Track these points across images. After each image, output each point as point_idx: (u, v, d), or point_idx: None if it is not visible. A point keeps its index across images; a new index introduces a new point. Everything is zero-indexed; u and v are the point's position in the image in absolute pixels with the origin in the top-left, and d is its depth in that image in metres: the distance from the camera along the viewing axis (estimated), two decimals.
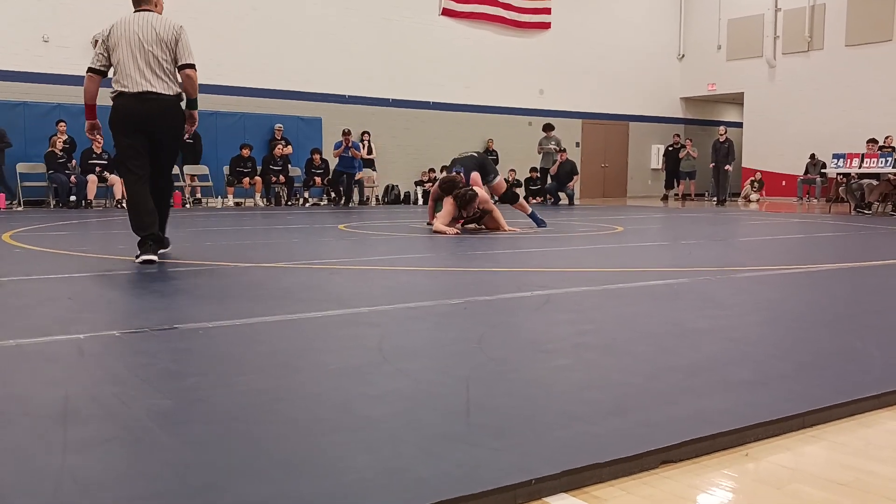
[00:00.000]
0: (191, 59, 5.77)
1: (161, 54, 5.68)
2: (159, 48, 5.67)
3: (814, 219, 12.57)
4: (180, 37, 5.74)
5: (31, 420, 2.00)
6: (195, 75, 5.80)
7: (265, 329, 3.22)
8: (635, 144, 23.88)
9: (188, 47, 5.77)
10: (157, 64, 5.68)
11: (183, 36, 5.77)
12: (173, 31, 5.73)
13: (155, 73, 5.68)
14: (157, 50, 5.66)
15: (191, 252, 6.37)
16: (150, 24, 5.70)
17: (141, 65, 5.66)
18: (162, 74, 5.70)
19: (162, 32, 5.69)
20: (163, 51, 5.68)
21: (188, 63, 5.74)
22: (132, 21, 5.72)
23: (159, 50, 5.66)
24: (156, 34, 5.68)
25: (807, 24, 20.96)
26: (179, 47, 5.72)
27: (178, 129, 5.88)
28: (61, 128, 14.19)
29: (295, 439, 1.87)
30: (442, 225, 8.49)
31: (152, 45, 5.65)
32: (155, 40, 5.67)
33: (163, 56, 5.68)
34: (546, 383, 2.42)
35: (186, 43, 5.77)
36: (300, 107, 17.74)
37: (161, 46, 5.67)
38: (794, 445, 1.96)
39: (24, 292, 4.27)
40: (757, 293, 4.46)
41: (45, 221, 10.18)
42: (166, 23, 5.75)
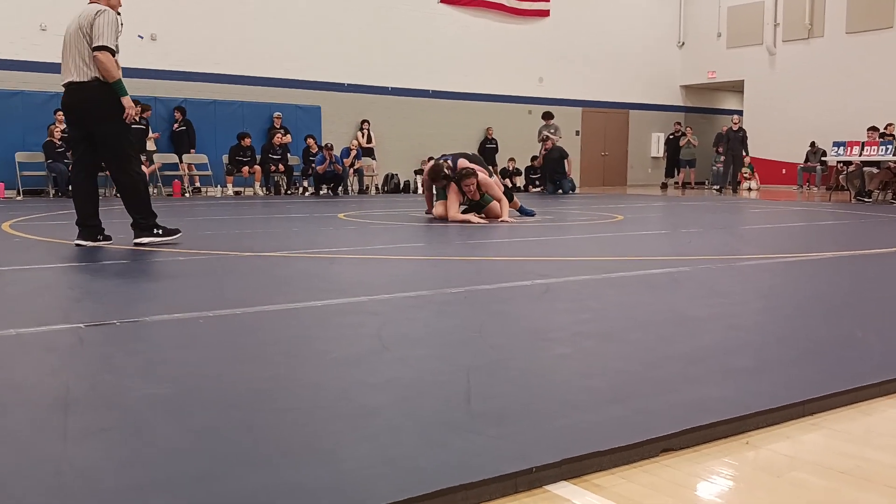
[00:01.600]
0: (101, 42, 5.61)
1: (79, 42, 5.67)
2: (78, 36, 5.67)
3: (814, 207, 12.56)
4: (94, 21, 5.64)
5: (30, 409, 2.00)
6: (104, 57, 5.65)
7: (265, 318, 3.21)
8: (635, 133, 23.83)
9: (101, 29, 5.62)
10: (77, 52, 5.67)
11: (98, 19, 5.65)
12: (89, 17, 5.66)
13: (75, 61, 5.70)
14: (77, 38, 5.67)
15: (190, 241, 6.36)
16: (77, 16, 5.75)
17: (66, 56, 5.74)
18: (80, 62, 5.68)
19: (82, 20, 5.68)
20: (81, 38, 5.67)
21: (98, 45, 5.62)
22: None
23: (78, 38, 5.67)
24: (77, 23, 5.70)
25: (807, 11, 20.88)
26: (94, 31, 5.62)
27: (100, 116, 5.73)
28: (59, 117, 14.14)
29: (295, 428, 1.87)
30: (457, 214, 8.53)
31: (75, 35, 5.68)
32: (76, 29, 5.69)
33: (81, 43, 5.66)
34: (546, 372, 2.42)
35: (100, 25, 5.63)
36: (299, 95, 17.69)
37: (79, 34, 5.67)
38: (794, 433, 1.96)
39: (23, 281, 4.27)
40: (757, 281, 4.46)
41: (45, 211, 10.17)
42: (89, 10, 5.72)
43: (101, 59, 5.62)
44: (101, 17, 5.64)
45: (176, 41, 16.16)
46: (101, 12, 5.67)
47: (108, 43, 5.64)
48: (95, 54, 5.61)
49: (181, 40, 16.20)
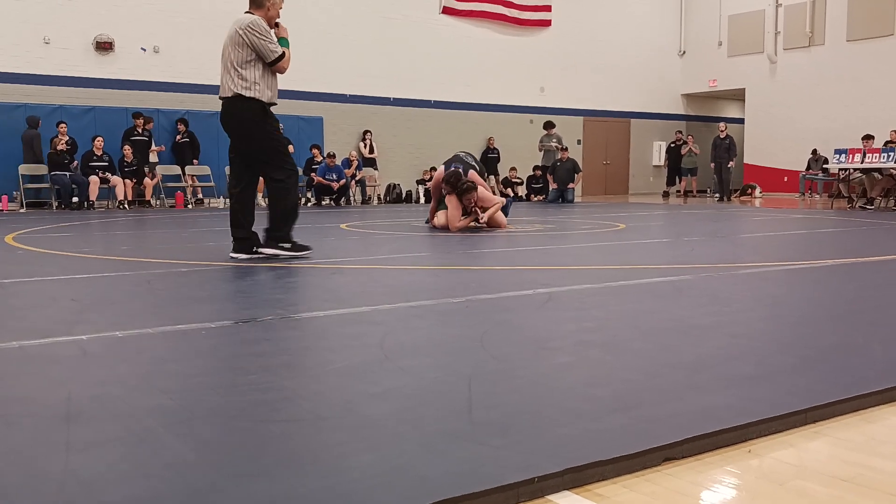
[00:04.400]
0: (272, 58, 5.67)
1: (229, 52, 5.69)
2: (230, 46, 5.70)
3: (816, 214, 12.55)
4: (250, 36, 5.64)
5: (34, 421, 2.00)
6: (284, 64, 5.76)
7: (268, 328, 3.22)
8: (637, 141, 23.85)
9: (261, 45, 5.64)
10: (225, 65, 5.71)
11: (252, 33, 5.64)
12: (243, 27, 5.67)
13: (223, 76, 5.75)
14: (228, 49, 5.70)
15: (193, 252, 6.37)
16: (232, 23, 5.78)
17: (221, 70, 5.78)
18: (226, 77, 5.71)
19: (233, 32, 5.71)
20: (232, 48, 5.68)
21: (272, 61, 5.68)
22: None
23: (230, 48, 5.70)
24: (228, 34, 5.74)
25: (808, 19, 20.91)
26: (257, 49, 5.65)
27: (244, 130, 5.75)
28: (62, 129, 14.20)
29: (298, 438, 1.87)
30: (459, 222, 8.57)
31: (228, 46, 5.71)
32: (227, 39, 5.73)
33: (230, 54, 5.69)
34: (549, 381, 2.42)
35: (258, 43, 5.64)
36: (301, 106, 17.72)
37: (231, 43, 5.69)
38: (797, 441, 1.96)
39: (26, 294, 4.28)
40: (759, 289, 4.46)
41: (48, 223, 10.19)
42: (242, 20, 5.73)
43: (282, 68, 5.75)
44: (253, 29, 5.65)
45: (178, 53, 16.21)
46: (252, 23, 5.67)
47: (275, 54, 5.69)
48: (278, 67, 5.73)
49: (184, 52, 16.25)
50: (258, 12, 5.77)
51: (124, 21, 15.64)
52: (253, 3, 5.81)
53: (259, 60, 5.68)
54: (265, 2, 5.78)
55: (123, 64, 15.75)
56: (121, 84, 15.70)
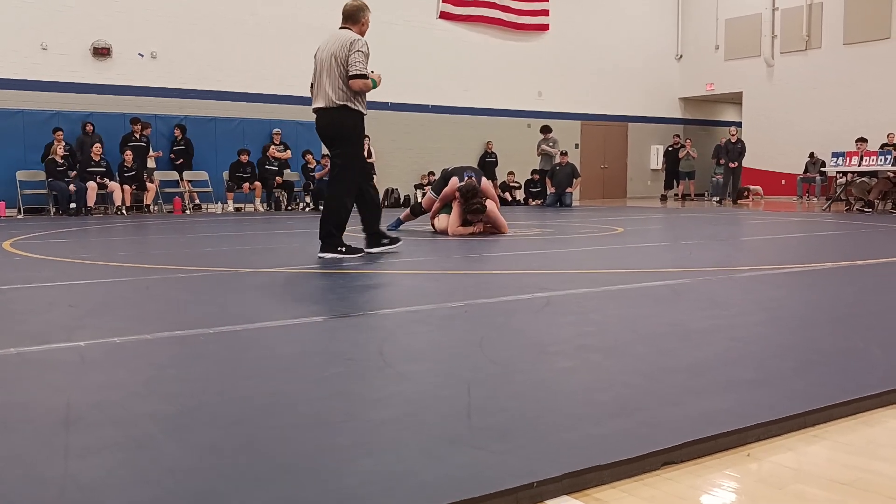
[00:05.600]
0: (356, 70, 5.95)
1: (331, 69, 6.02)
2: (331, 63, 6.02)
3: (814, 217, 12.56)
4: (350, 49, 5.98)
5: (33, 427, 2.00)
6: (360, 84, 5.99)
7: (267, 334, 3.22)
8: (634, 145, 23.87)
9: (356, 57, 5.96)
10: (329, 79, 6.04)
11: (353, 48, 5.98)
12: (344, 45, 6.00)
13: (324, 88, 6.08)
14: (329, 65, 6.03)
15: (191, 258, 6.37)
16: (327, 42, 6.14)
17: (317, 82, 6.16)
18: (329, 89, 6.05)
19: (335, 47, 6.02)
20: (334, 65, 6.01)
21: (354, 74, 5.96)
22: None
23: (331, 65, 6.02)
24: (330, 50, 6.04)
25: (805, 22, 20.96)
26: (350, 59, 5.97)
27: (340, 138, 6.12)
28: (58, 136, 14.18)
29: (297, 444, 1.87)
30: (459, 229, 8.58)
31: (328, 62, 6.03)
32: (329, 56, 6.05)
33: (333, 71, 6.02)
34: (548, 385, 2.42)
35: (355, 54, 5.97)
36: (299, 111, 17.70)
37: (333, 61, 6.01)
38: (797, 445, 1.96)
39: (24, 299, 4.27)
40: (758, 293, 4.46)
41: (46, 229, 10.18)
42: (342, 37, 6.08)
43: (357, 85, 5.99)
44: (356, 46, 5.99)
45: (176, 59, 16.22)
46: (356, 41, 6.03)
47: (363, 71, 5.98)
48: (352, 81, 5.97)
49: (181, 58, 16.26)
50: (354, 27, 6.19)
51: (122, 27, 15.64)
52: (349, 19, 6.21)
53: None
54: (361, 17, 6.22)
55: (121, 69, 15.75)
56: (119, 90, 15.70)
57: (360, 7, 6.24)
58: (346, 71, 5.96)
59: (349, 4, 6.24)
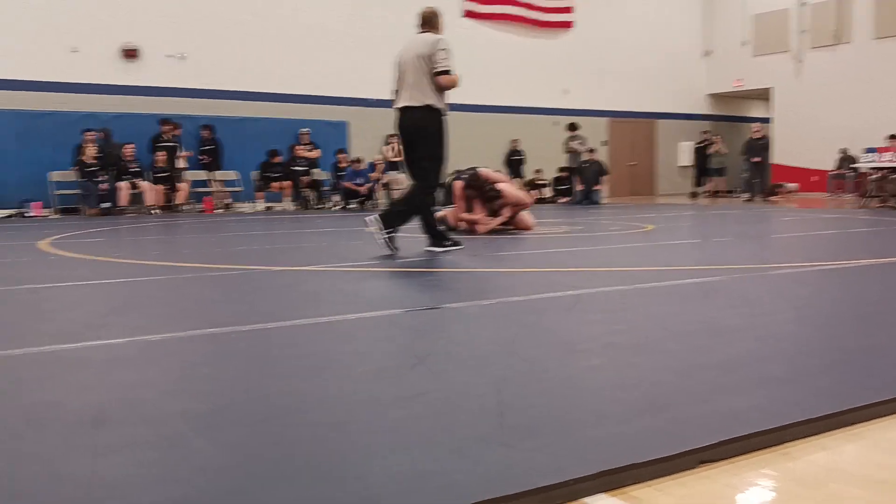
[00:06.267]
0: (441, 67, 6.22)
1: (416, 69, 6.27)
2: (417, 63, 6.27)
3: (846, 214, 12.41)
4: (434, 49, 6.24)
5: (64, 425, 2.02)
6: (445, 79, 6.25)
7: (298, 332, 3.23)
8: (662, 142, 23.71)
9: (440, 55, 6.23)
10: (414, 79, 6.30)
11: (438, 47, 6.25)
12: (428, 45, 6.28)
13: (410, 88, 6.35)
14: (415, 65, 6.28)
15: (223, 257, 6.42)
16: (410, 44, 6.46)
17: (402, 83, 6.45)
18: (414, 90, 6.31)
19: (419, 48, 6.30)
20: (420, 65, 6.26)
21: (439, 70, 6.22)
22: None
23: (417, 65, 6.27)
24: (414, 52, 6.31)
25: (834, 17, 20.69)
26: (435, 58, 6.24)
27: (423, 137, 6.35)
28: (88, 136, 14.35)
29: (326, 442, 1.87)
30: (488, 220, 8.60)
31: (413, 62, 6.30)
32: (413, 57, 6.30)
33: (418, 71, 6.27)
34: (579, 383, 2.42)
35: (439, 53, 6.23)
36: (326, 111, 17.80)
37: (419, 61, 6.26)
38: (832, 444, 1.94)
39: (59, 298, 4.33)
40: (789, 290, 4.42)
41: (79, 228, 10.31)
42: (425, 38, 6.38)
43: (443, 80, 6.24)
44: (440, 44, 6.27)
45: (205, 60, 16.34)
46: (440, 40, 6.32)
47: (448, 67, 6.26)
48: (438, 78, 6.23)
49: (210, 59, 16.38)
50: (434, 30, 6.53)
51: (150, 29, 15.79)
52: (427, 24, 6.57)
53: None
54: (437, 21, 6.59)
55: (150, 71, 15.90)
56: (148, 91, 15.85)
57: (436, 13, 6.65)
58: (431, 68, 6.21)
59: (426, 10, 6.63)
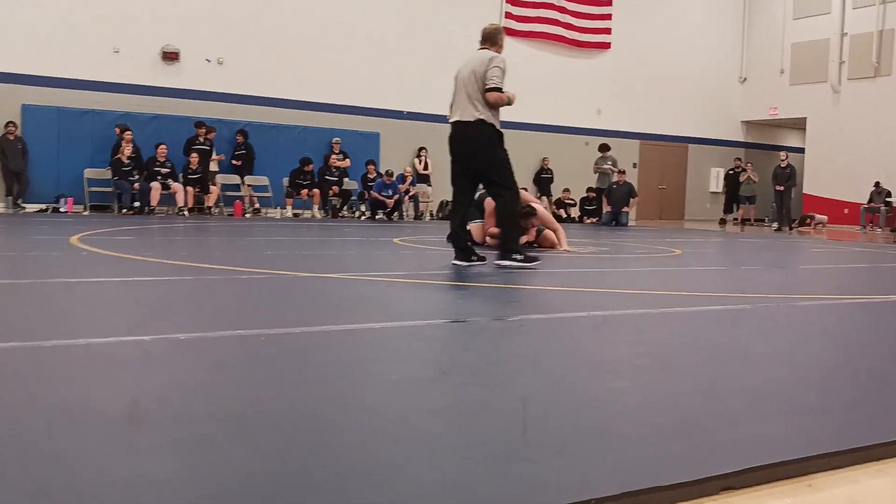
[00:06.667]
0: (493, 84, 6.28)
1: (471, 85, 6.34)
2: (471, 79, 6.34)
3: (878, 248, 12.27)
4: (489, 66, 6.30)
5: (99, 422, 2.05)
6: (495, 96, 6.32)
7: (325, 338, 3.26)
8: (694, 167, 23.60)
9: (494, 73, 6.29)
10: (466, 95, 6.36)
11: (492, 64, 6.31)
12: (483, 63, 6.33)
13: (463, 102, 6.40)
14: (469, 81, 6.35)
15: (251, 261, 6.47)
16: (467, 61, 6.49)
17: (457, 97, 6.50)
18: (467, 104, 6.37)
19: (475, 65, 6.37)
20: (474, 81, 6.33)
21: (490, 87, 6.29)
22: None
23: (471, 81, 6.34)
24: (470, 68, 6.38)
25: (874, 49, 20.55)
26: (488, 75, 6.29)
27: (480, 150, 6.43)
28: (127, 136, 14.56)
29: (355, 451, 1.89)
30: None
31: (468, 78, 6.36)
32: (469, 73, 6.37)
33: (473, 87, 6.33)
34: (605, 404, 2.41)
35: (493, 70, 6.30)
36: (359, 122, 17.92)
37: (472, 77, 6.33)
38: (859, 478, 1.92)
39: (91, 294, 4.39)
40: (819, 321, 4.38)
41: (111, 226, 10.44)
42: (482, 56, 6.43)
43: (493, 98, 6.31)
44: (494, 62, 6.33)
45: (241, 66, 16.53)
46: (494, 58, 6.38)
47: (499, 84, 6.31)
48: (488, 94, 6.28)
49: (247, 65, 16.57)
50: (494, 48, 6.55)
51: (190, 32, 16.02)
52: (488, 41, 6.60)
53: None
54: (498, 39, 6.64)
55: (188, 74, 16.12)
56: (185, 94, 16.06)
57: (499, 30, 6.73)
58: (483, 85, 6.26)
59: (488, 27, 6.70)
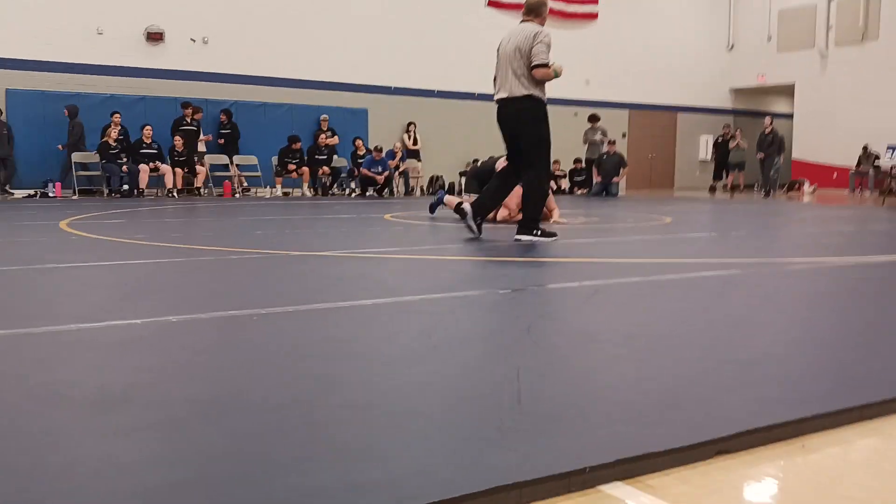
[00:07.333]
0: (538, 60, 6.25)
1: (515, 60, 6.36)
2: (516, 55, 6.36)
3: (867, 211, 12.31)
4: (534, 42, 6.28)
5: (74, 404, 2.04)
6: (542, 73, 6.30)
7: (316, 316, 3.25)
8: (683, 135, 23.60)
9: (539, 48, 6.25)
10: (512, 70, 6.41)
11: (537, 40, 6.28)
12: (528, 38, 6.31)
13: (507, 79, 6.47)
14: (514, 57, 6.37)
15: (242, 240, 6.46)
16: (510, 35, 6.51)
17: (500, 73, 6.59)
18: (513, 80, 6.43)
19: (519, 40, 6.35)
20: (519, 57, 6.34)
21: (537, 63, 6.27)
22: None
23: (516, 57, 6.36)
24: (514, 43, 6.38)
25: (861, 13, 20.49)
26: (534, 51, 6.27)
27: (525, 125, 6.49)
28: (116, 119, 14.46)
29: (349, 426, 1.89)
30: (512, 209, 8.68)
31: (512, 54, 6.38)
32: (513, 49, 6.38)
33: (518, 62, 6.35)
34: (598, 373, 2.42)
35: (539, 46, 6.26)
36: (346, 98, 17.84)
37: (517, 53, 6.34)
38: (851, 437, 1.94)
39: (78, 278, 4.37)
40: (809, 285, 4.40)
41: (100, 210, 10.39)
42: (526, 30, 6.40)
43: (539, 74, 6.30)
44: (539, 37, 6.29)
45: (227, 45, 16.41)
46: (539, 33, 6.32)
47: (545, 60, 6.27)
48: (534, 71, 6.27)
49: (232, 44, 16.44)
50: (537, 20, 6.51)
51: (174, 12, 15.86)
52: (531, 12, 6.54)
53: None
54: (542, 11, 6.57)
55: (173, 54, 15.99)
56: (170, 74, 15.95)
57: (542, 2, 6.57)
58: (529, 61, 6.24)
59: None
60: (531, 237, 6.41)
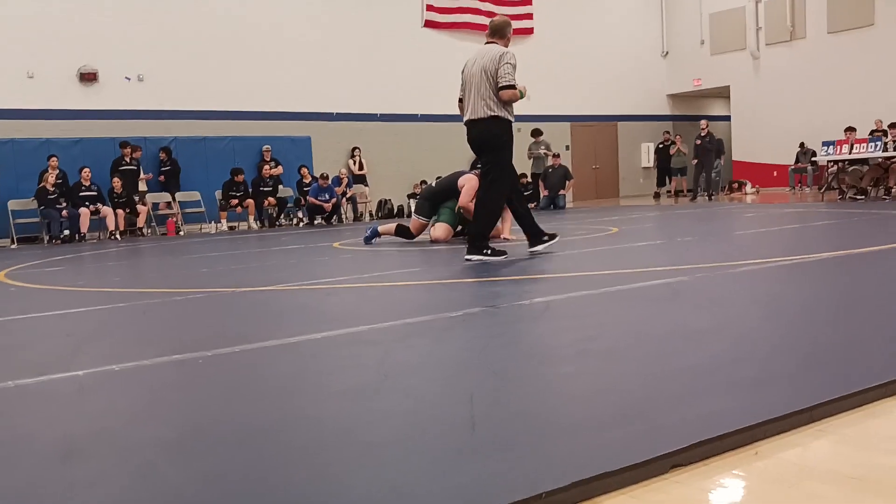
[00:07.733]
0: (505, 82, 6.29)
1: (481, 83, 6.35)
2: (481, 77, 6.35)
3: (808, 208, 12.58)
4: (500, 63, 6.29)
5: (35, 459, 1.98)
6: (510, 94, 6.37)
7: (265, 354, 3.20)
8: (625, 144, 23.90)
9: (505, 69, 6.31)
10: (477, 92, 6.38)
11: (503, 61, 6.31)
12: (494, 59, 6.31)
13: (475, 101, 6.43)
14: (479, 79, 6.36)
15: (187, 280, 6.35)
16: (477, 56, 6.48)
17: (468, 96, 6.52)
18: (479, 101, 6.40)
19: (485, 61, 6.34)
20: (484, 79, 6.34)
21: (504, 85, 6.30)
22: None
23: (481, 79, 6.35)
24: (480, 65, 6.37)
25: (788, 13, 21.01)
26: (500, 72, 6.30)
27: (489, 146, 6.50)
28: (53, 163, 14.15)
29: (300, 466, 1.85)
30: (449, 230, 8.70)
31: (478, 76, 6.37)
32: (479, 70, 6.37)
33: (483, 84, 6.35)
34: (550, 393, 2.41)
35: (504, 67, 6.31)
36: (289, 127, 17.72)
37: (483, 75, 6.34)
38: (803, 441, 1.95)
39: (22, 331, 4.25)
40: (756, 287, 4.46)
41: (40, 258, 10.15)
42: (491, 51, 6.39)
43: (507, 95, 6.35)
44: (505, 58, 6.32)
45: (163, 81, 16.20)
46: (505, 54, 6.36)
47: (512, 82, 6.33)
48: (501, 92, 6.30)
49: (168, 80, 16.24)
50: (501, 41, 6.54)
51: (107, 51, 15.64)
52: (496, 34, 6.58)
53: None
54: (507, 32, 6.64)
55: (109, 94, 15.74)
56: (107, 114, 15.69)
57: (507, 22, 6.70)
58: (496, 83, 6.28)
59: (496, 20, 6.74)
60: (481, 257, 6.38)
